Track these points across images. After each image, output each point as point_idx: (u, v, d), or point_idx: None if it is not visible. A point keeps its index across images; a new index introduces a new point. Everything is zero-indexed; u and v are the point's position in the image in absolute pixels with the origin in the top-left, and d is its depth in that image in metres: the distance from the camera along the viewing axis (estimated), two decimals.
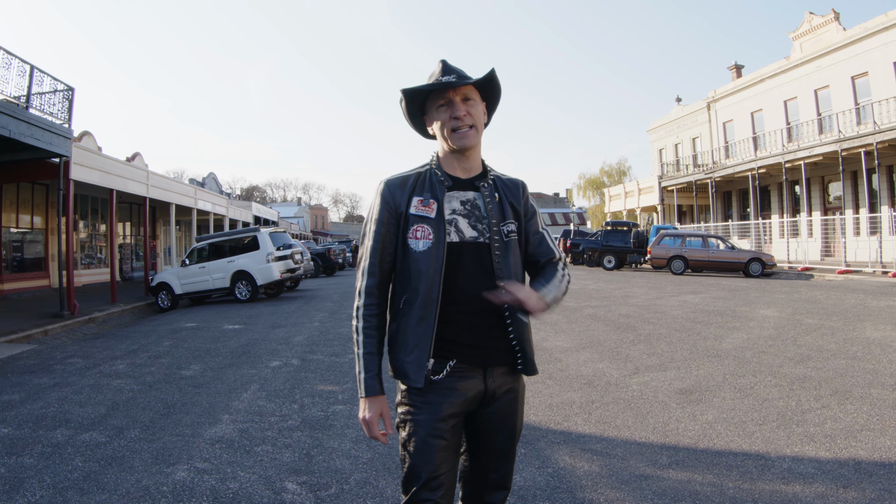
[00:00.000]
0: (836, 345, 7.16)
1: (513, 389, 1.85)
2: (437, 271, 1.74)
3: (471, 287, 1.76)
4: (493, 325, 1.79)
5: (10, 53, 11.70)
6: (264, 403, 5.37)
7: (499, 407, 1.82)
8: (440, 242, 1.75)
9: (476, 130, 1.81)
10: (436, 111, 1.82)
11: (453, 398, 1.75)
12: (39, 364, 7.79)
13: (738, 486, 3.32)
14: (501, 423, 1.83)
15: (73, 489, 3.54)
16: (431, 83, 1.79)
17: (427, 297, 1.73)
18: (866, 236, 20.19)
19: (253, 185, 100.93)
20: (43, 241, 18.99)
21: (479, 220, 1.82)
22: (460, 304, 1.76)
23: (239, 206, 35.53)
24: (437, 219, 1.77)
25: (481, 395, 1.79)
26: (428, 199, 1.80)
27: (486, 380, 1.79)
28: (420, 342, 1.73)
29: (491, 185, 1.88)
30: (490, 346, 1.79)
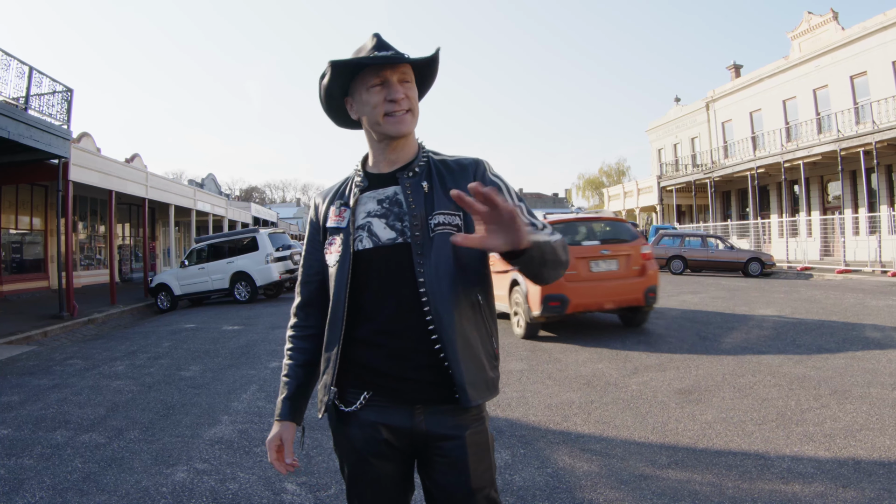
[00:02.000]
0: (835, 344, 7.16)
1: (457, 436, 1.47)
2: (342, 287, 1.50)
3: (387, 301, 1.48)
4: (416, 349, 1.45)
5: (8, 55, 11.70)
6: (264, 404, 5.37)
7: (446, 456, 1.47)
8: (346, 253, 1.51)
9: (413, 115, 1.53)
10: (366, 92, 1.51)
11: (369, 434, 1.49)
12: (39, 365, 7.79)
13: (737, 485, 3.32)
14: (455, 478, 1.47)
15: (72, 490, 3.54)
16: (368, 56, 1.49)
17: (333, 317, 1.52)
18: (865, 236, 20.18)
19: (252, 186, 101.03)
20: (42, 242, 18.97)
21: (399, 218, 1.51)
22: (376, 322, 1.48)
23: (238, 207, 35.53)
24: (347, 227, 1.54)
25: (408, 436, 1.48)
26: (340, 206, 1.58)
27: (415, 419, 1.47)
28: (327, 368, 1.53)
29: (420, 172, 1.55)
30: (415, 378, 1.46)
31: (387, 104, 1.50)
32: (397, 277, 1.48)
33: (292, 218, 72.46)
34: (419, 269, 1.46)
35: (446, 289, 1.45)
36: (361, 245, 1.51)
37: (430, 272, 1.45)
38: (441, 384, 1.45)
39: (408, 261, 1.47)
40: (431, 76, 1.64)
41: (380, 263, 1.49)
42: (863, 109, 23.14)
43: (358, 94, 1.55)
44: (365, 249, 1.51)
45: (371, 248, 1.50)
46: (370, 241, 1.51)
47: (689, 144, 36.34)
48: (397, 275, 1.48)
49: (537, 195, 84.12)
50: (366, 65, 1.50)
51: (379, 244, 1.50)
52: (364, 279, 1.50)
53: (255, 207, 41.10)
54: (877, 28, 22.66)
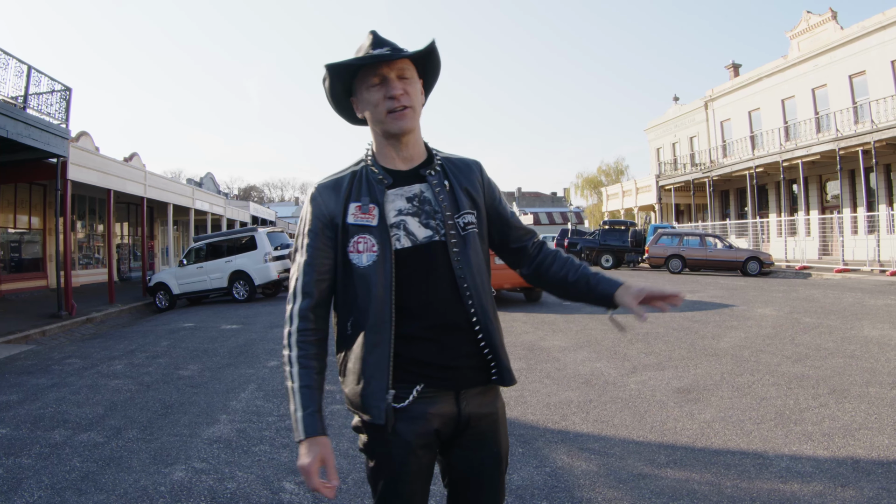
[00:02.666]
0: (833, 343, 7.17)
1: (492, 413, 1.60)
2: (387, 288, 1.48)
3: (431, 297, 1.51)
4: (462, 339, 1.53)
5: (7, 54, 11.68)
6: (262, 403, 5.36)
7: (480, 431, 1.57)
8: (386, 253, 1.49)
9: (414, 111, 1.53)
10: (366, 91, 1.53)
11: (422, 427, 1.50)
12: (37, 364, 7.78)
13: (735, 484, 3.33)
14: (485, 452, 1.58)
15: (71, 489, 3.54)
16: (361, 56, 1.51)
17: (378, 319, 1.47)
18: (864, 235, 20.20)
19: (251, 185, 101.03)
20: (41, 241, 18.94)
21: (432, 216, 1.54)
22: (422, 319, 1.50)
23: (236, 206, 35.50)
24: (380, 226, 1.50)
25: (455, 421, 1.54)
26: (367, 203, 1.53)
27: (460, 404, 1.53)
28: (375, 372, 1.47)
29: (440, 171, 1.60)
30: (461, 366, 1.53)
31: (387, 101, 1.50)
32: (438, 274, 1.52)
33: (291, 217, 72.41)
34: (457, 265, 1.52)
35: (480, 283, 1.56)
36: (400, 244, 1.51)
37: (467, 268, 1.53)
38: (481, 368, 1.55)
39: (445, 258, 1.52)
40: (434, 70, 1.64)
41: (420, 262, 1.51)
42: (861, 109, 23.15)
43: (360, 94, 1.56)
44: (404, 248, 1.51)
45: (410, 246, 1.51)
46: (408, 239, 1.52)
47: (688, 143, 36.34)
48: (437, 272, 1.52)
49: (535, 194, 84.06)
50: (361, 65, 1.51)
51: (416, 243, 1.52)
52: (404, 278, 1.50)
53: (253, 206, 41.06)
54: (876, 27, 22.67)
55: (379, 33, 1.55)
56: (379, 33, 1.55)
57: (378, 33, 1.55)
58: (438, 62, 1.63)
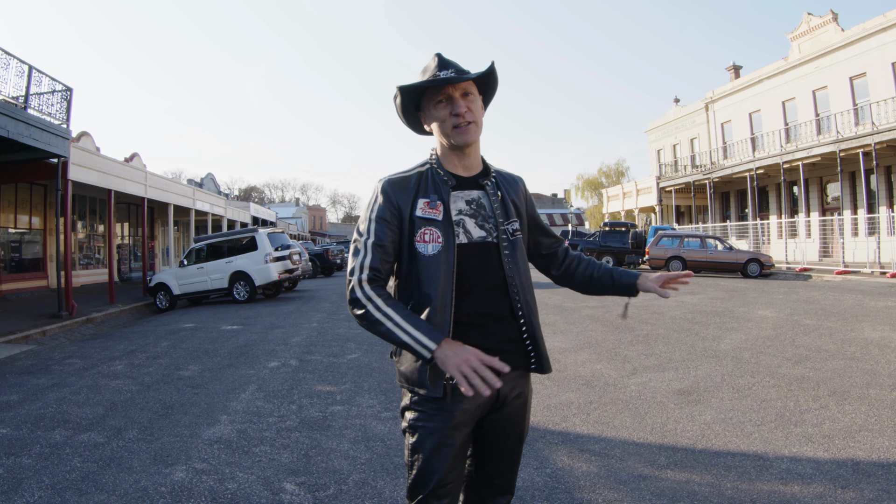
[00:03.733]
0: (834, 345, 7.16)
1: (523, 394, 1.81)
2: (449, 275, 1.68)
3: (482, 289, 1.73)
4: (506, 327, 1.75)
5: (8, 54, 11.69)
6: (262, 404, 5.36)
7: (509, 412, 1.78)
8: (450, 245, 1.70)
9: (477, 126, 1.75)
10: (434, 108, 1.75)
11: (465, 405, 1.68)
12: (38, 365, 7.78)
13: (736, 486, 3.33)
14: (510, 429, 1.79)
15: (71, 490, 3.54)
16: (430, 80, 1.71)
17: (441, 302, 1.66)
18: (864, 237, 20.21)
19: (251, 186, 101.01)
20: (41, 241, 18.95)
21: (486, 220, 1.77)
22: (473, 307, 1.71)
23: (237, 207, 35.51)
24: (445, 221, 1.71)
25: (493, 400, 1.73)
26: (435, 200, 1.73)
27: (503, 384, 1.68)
28: None
29: (494, 182, 1.84)
30: (504, 350, 1.72)
31: (453, 118, 1.72)
32: (489, 270, 1.74)
33: (291, 218, 72.43)
34: (507, 264, 1.76)
35: (525, 281, 1.80)
36: (458, 239, 1.72)
37: (514, 268, 1.77)
38: (519, 353, 1.77)
39: (496, 257, 1.75)
40: (493, 87, 1.87)
41: (475, 257, 1.73)
42: (862, 111, 23.17)
43: (427, 110, 1.79)
44: (462, 244, 1.73)
45: (466, 243, 1.73)
46: (465, 237, 1.74)
47: (689, 145, 36.36)
48: (489, 268, 1.74)
49: (536, 195, 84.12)
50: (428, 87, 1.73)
51: (472, 241, 1.74)
52: (462, 269, 1.71)
53: (254, 207, 41.07)
54: (876, 29, 22.69)
55: (444, 55, 1.74)
56: (444, 55, 1.74)
57: (443, 55, 1.74)
58: (496, 80, 1.85)
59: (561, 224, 59.81)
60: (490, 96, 1.88)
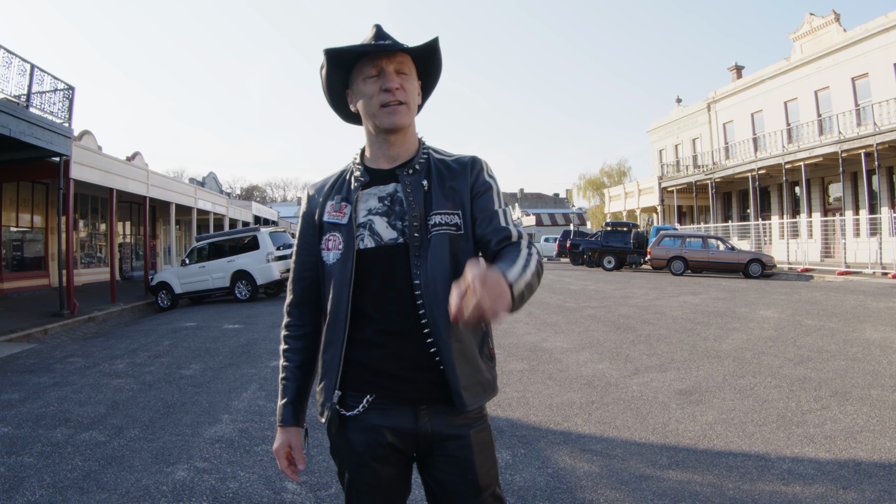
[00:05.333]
0: (835, 346, 7.16)
1: (464, 435, 1.45)
2: (345, 286, 1.45)
3: (387, 301, 1.45)
4: (416, 349, 1.43)
5: (10, 52, 11.70)
6: (264, 403, 5.37)
7: (451, 455, 1.45)
8: (349, 251, 1.46)
9: (408, 109, 1.47)
10: (363, 82, 1.47)
11: (373, 439, 1.44)
12: (39, 363, 7.79)
13: (737, 486, 3.32)
14: (459, 477, 1.45)
15: (72, 488, 3.54)
16: (361, 44, 1.46)
17: (335, 317, 1.47)
18: (866, 237, 20.17)
19: (253, 185, 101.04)
20: (43, 240, 18.98)
21: (400, 217, 1.47)
22: (377, 323, 1.45)
23: (239, 206, 35.53)
24: (349, 225, 1.48)
25: (414, 437, 1.45)
26: (339, 202, 1.51)
27: (419, 420, 1.45)
28: (327, 370, 1.49)
29: (420, 170, 1.51)
30: (418, 379, 1.44)
31: (382, 94, 1.45)
32: (396, 278, 1.45)
33: (293, 217, 72.41)
34: (415, 270, 1.43)
35: (441, 291, 1.39)
36: (363, 244, 1.46)
37: (426, 274, 1.42)
38: (442, 384, 1.43)
39: (405, 262, 1.44)
40: (435, 70, 1.58)
41: (380, 264, 1.46)
42: (864, 111, 23.13)
43: (355, 85, 1.51)
44: (367, 249, 1.46)
45: (373, 247, 1.46)
46: (372, 240, 1.46)
47: (691, 145, 36.33)
48: (396, 276, 1.45)
49: (538, 195, 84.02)
50: (362, 54, 1.46)
51: (381, 244, 1.46)
52: (365, 279, 1.46)
53: (255, 206, 41.09)
54: (879, 30, 22.65)
55: (383, 28, 1.50)
56: (383, 28, 1.50)
57: (382, 28, 1.50)
58: (439, 63, 1.57)
59: (563, 224, 59.79)
60: (431, 84, 1.61)
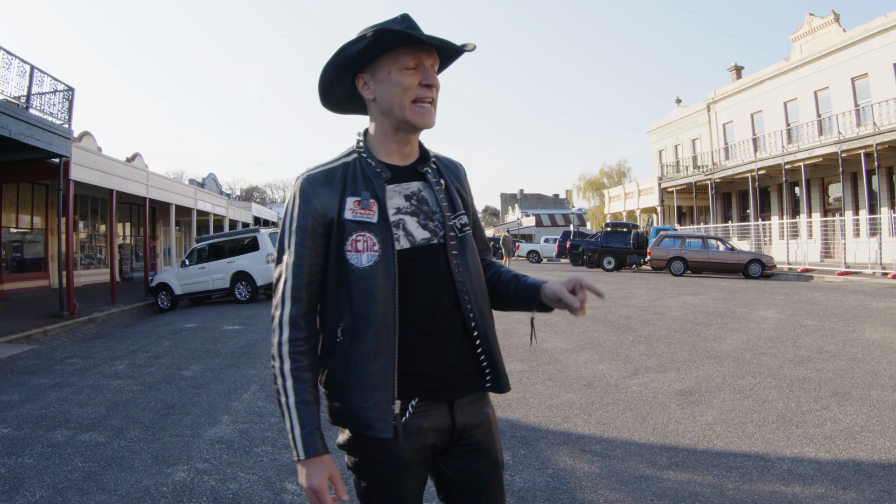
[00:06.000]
0: (835, 346, 7.16)
1: (485, 420, 1.50)
2: (390, 290, 1.36)
3: (429, 303, 1.41)
4: (459, 346, 1.44)
5: (10, 53, 11.70)
6: (264, 404, 5.37)
7: (475, 441, 1.48)
8: (388, 253, 1.37)
9: (435, 109, 1.43)
10: (398, 72, 1.37)
11: (418, 442, 1.40)
12: (39, 364, 7.79)
13: (737, 487, 3.32)
14: (483, 459, 1.48)
15: (72, 489, 3.54)
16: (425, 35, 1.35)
17: (382, 325, 1.35)
18: (866, 238, 20.18)
19: (253, 186, 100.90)
20: (43, 241, 18.98)
21: (430, 217, 1.44)
22: (418, 327, 1.40)
23: (239, 207, 35.54)
24: (381, 223, 1.38)
25: (449, 433, 1.45)
26: (367, 198, 1.39)
27: (454, 415, 1.44)
28: (380, 383, 1.36)
29: (435, 169, 1.50)
30: (455, 374, 1.43)
31: (421, 89, 1.38)
32: (437, 279, 1.42)
33: None
34: (456, 269, 1.44)
35: (478, 287, 1.48)
36: (399, 245, 1.40)
37: (465, 272, 1.45)
38: (474, 375, 1.47)
39: (444, 262, 1.43)
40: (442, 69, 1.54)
41: (419, 265, 1.41)
42: (864, 111, 23.13)
43: (384, 73, 1.39)
44: (404, 250, 1.40)
45: (408, 248, 1.40)
46: (407, 241, 1.41)
47: (690, 146, 36.34)
48: (437, 276, 1.42)
49: (538, 196, 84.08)
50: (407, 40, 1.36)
51: (415, 244, 1.41)
52: (404, 282, 1.39)
53: (255, 207, 41.13)
54: (878, 30, 22.66)
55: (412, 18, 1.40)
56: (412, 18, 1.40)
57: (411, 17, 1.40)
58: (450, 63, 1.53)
59: (563, 224, 59.75)
60: None
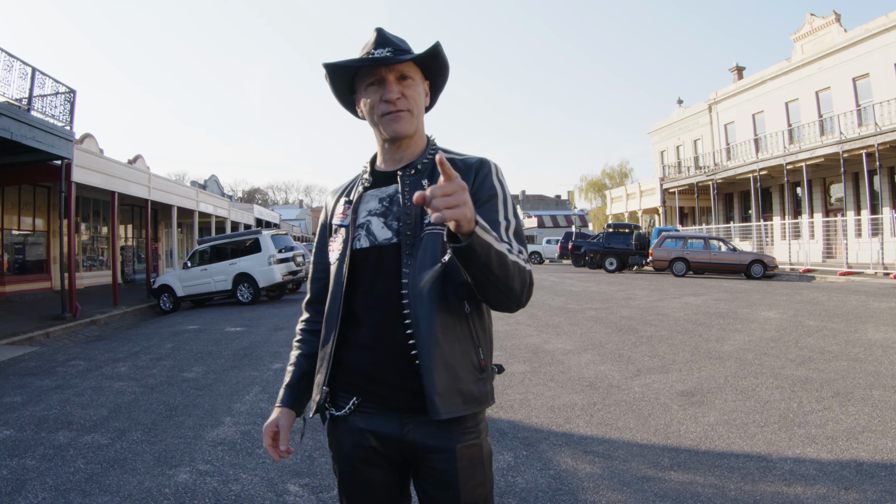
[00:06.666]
0: (837, 346, 7.15)
1: (445, 449, 1.39)
2: (339, 286, 1.48)
3: (376, 300, 1.43)
4: (403, 354, 1.38)
5: (11, 56, 11.73)
6: (266, 406, 5.37)
7: (434, 468, 1.40)
8: (345, 251, 1.49)
9: (412, 115, 1.46)
10: (364, 91, 1.47)
11: (357, 441, 1.44)
12: (41, 366, 7.80)
13: (739, 487, 3.32)
14: (442, 493, 1.40)
15: (75, 491, 3.55)
16: (359, 58, 1.44)
17: (329, 314, 1.50)
18: (868, 238, 20.16)
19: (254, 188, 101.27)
20: (45, 243, 19.01)
21: (397, 217, 1.46)
22: (367, 324, 1.43)
23: (240, 209, 35.57)
24: (350, 225, 1.51)
25: (397, 444, 1.42)
26: (345, 203, 1.55)
27: (403, 428, 1.40)
28: (320, 366, 1.51)
29: (423, 170, 1.48)
30: (398, 385, 1.39)
31: (382, 104, 1.44)
32: (387, 278, 1.42)
33: (295, 220, 72.55)
34: (405, 269, 1.39)
35: (426, 292, 1.36)
36: (359, 244, 1.47)
37: (414, 273, 1.38)
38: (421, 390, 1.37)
39: (396, 262, 1.42)
40: (441, 71, 1.55)
41: (373, 264, 1.45)
42: (865, 111, 23.10)
43: (359, 93, 1.51)
44: (362, 248, 1.47)
45: (367, 247, 1.46)
46: (367, 240, 1.47)
47: (692, 146, 36.31)
48: (387, 276, 1.42)
49: (539, 197, 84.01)
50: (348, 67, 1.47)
51: (375, 244, 1.46)
52: (359, 279, 1.46)
53: (257, 209, 41.15)
54: (879, 30, 22.64)
55: (385, 31, 1.47)
56: (385, 31, 1.47)
57: (384, 31, 1.47)
58: (445, 63, 1.53)
59: (565, 226, 59.71)
60: (440, 83, 1.58)
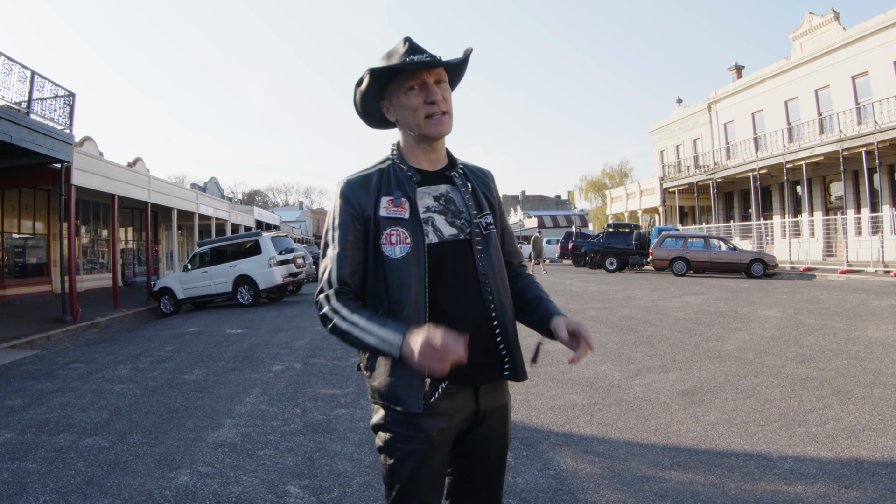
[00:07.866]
0: (838, 345, 7.15)
1: (503, 406, 1.69)
2: (421, 279, 1.53)
3: (455, 292, 1.58)
4: (482, 334, 1.59)
5: (10, 59, 11.75)
6: (267, 408, 5.37)
7: (490, 425, 1.65)
8: (419, 246, 1.55)
9: (450, 116, 1.61)
10: (404, 95, 1.58)
11: (445, 422, 1.56)
12: (42, 369, 7.81)
13: (740, 486, 3.32)
14: (493, 442, 1.67)
15: (76, 494, 3.55)
16: (405, 62, 1.54)
17: (413, 309, 1.52)
18: (868, 236, 20.16)
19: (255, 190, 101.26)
20: (45, 246, 19.03)
21: (457, 216, 1.63)
22: (448, 314, 1.55)
23: (241, 211, 35.60)
24: (412, 219, 1.57)
25: (473, 415, 1.61)
26: (399, 197, 1.58)
27: (479, 399, 1.61)
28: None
29: (462, 174, 1.70)
30: (482, 362, 1.59)
31: (426, 107, 1.57)
32: (462, 271, 1.60)
33: (295, 221, 72.52)
34: (480, 263, 1.61)
35: (501, 280, 1.66)
36: (429, 239, 1.58)
37: (488, 266, 1.62)
38: (497, 364, 1.62)
39: (469, 256, 1.61)
40: (461, 75, 1.72)
41: (447, 258, 1.59)
42: (864, 109, 23.12)
43: (395, 98, 1.61)
44: (433, 244, 1.58)
45: (437, 242, 1.59)
46: (435, 235, 1.59)
47: (692, 145, 36.34)
48: (462, 269, 1.60)
49: (540, 197, 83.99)
50: (401, 70, 1.56)
51: (443, 239, 1.60)
52: (435, 273, 1.56)
53: (257, 211, 41.17)
54: (878, 28, 22.65)
55: (414, 40, 1.60)
56: (414, 40, 1.60)
57: (413, 40, 1.60)
58: (465, 70, 1.71)
59: (565, 226, 59.69)
60: (456, 84, 1.73)
